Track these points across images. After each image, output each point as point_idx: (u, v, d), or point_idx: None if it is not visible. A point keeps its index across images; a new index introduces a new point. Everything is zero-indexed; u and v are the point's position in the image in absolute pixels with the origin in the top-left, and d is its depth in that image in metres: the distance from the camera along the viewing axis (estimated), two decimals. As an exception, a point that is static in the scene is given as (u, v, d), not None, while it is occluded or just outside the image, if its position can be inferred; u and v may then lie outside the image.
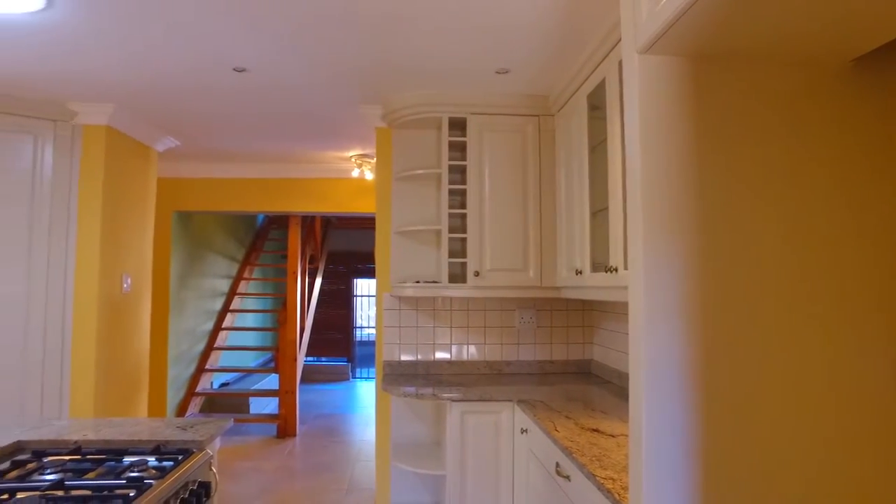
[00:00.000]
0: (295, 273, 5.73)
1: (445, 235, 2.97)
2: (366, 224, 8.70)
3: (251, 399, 6.09)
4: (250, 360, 7.50)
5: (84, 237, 3.28)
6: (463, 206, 3.05)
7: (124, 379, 3.58)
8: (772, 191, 1.24)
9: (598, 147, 2.44)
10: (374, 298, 10.27)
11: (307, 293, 6.66)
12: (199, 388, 5.69)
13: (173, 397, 5.23)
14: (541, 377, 3.11)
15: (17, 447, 1.75)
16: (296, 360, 5.60)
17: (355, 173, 4.55)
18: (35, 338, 3.18)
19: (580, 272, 2.54)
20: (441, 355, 3.25)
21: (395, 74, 2.76)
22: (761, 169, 1.24)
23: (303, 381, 8.07)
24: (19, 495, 1.38)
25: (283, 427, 5.42)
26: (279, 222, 7.94)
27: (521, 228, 2.96)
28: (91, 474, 1.56)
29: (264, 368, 6.49)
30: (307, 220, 7.12)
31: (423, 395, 2.70)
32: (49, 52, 2.54)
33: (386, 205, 3.28)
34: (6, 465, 1.61)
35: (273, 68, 2.70)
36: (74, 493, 1.40)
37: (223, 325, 6.36)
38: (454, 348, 3.26)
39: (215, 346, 6.11)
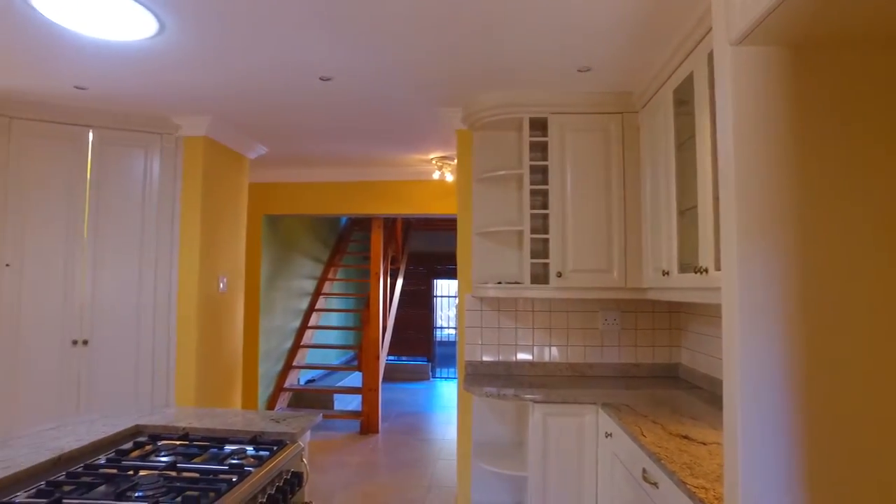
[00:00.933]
0: (378, 273, 5.89)
1: (527, 236, 2.96)
2: (446, 225, 8.81)
3: (335, 396, 6.31)
4: (334, 357, 7.78)
5: (186, 240, 3.54)
6: (545, 206, 3.03)
7: (221, 373, 3.83)
8: (870, 186, 1.15)
9: (685, 143, 2.35)
10: (453, 299, 10.38)
11: (389, 293, 6.82)
12: (287, 384, 5.97)
13: (263, 392, 5.52)
14: (625, 380, 3.04)
15: (136, 430, 1.92)
16: (378, 358, 5.75)
17: (436, 175, 4.63)
18: (146, 333, 3.47)
19: (667, 273, 2.46)
20: (523, 356, 3.24)
21: (477, 77, 2.79)
22: (861, 163, 1.16)
23: (384, 379, 8.28)
24: (141, 473, 1.52)
25: (367, 424, 5.58)
26: (361, 224, 8.19)
27: (604, 228, 2.90)
28: (198, 459, 1.68)
29: (348, 366, 6.71)
30: (389, 222, 7.30)
31: (504, 395, 2.71)
32: (158, 72, 2.77)
33: (467, 206, 3.31)
34: (129, 445, 1.77)
35: (357, 76, 2.80)
36: (185, 474, 1.53)
37: (309, 324, 6.63)
38: (536, 349, 3.24)
39: (302, 343, 6.39)
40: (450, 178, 4.62)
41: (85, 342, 3.35)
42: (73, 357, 3.34)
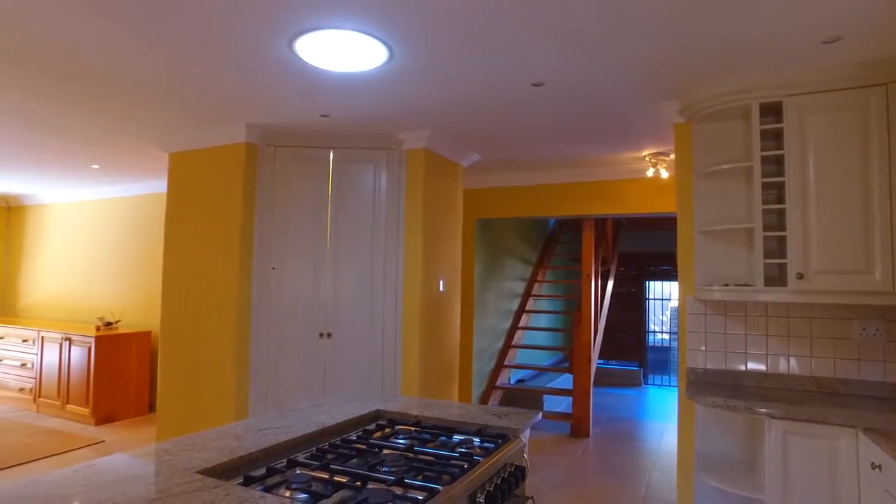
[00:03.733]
0: (589, 275, 5.81)
1: (759, 234, 2.67)
2: (660, 225, 8.32)
3: (545, 396, 6.37)
4: (543, 358, 7.85)
5: (409, 245, 3.89)
6: (779, 200, 2.70)
7: (440, 367, 4.13)
8: None
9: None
10: (667, 302, 9.74)
11: (600, 295, 6.67)
12: (498, 382, 6.20)
13: (476, 388, 5.80)
14: (893, 403, 2.56)
15: (377, 414, 2.18)
16: (590, 361, 5.66)
17: (650, 173, 4.41)
18: (377, 329, 3.90)
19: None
20: (754, 366, 2.93)
21: (698, 66, 2.60)
22: None
23: (593, 383, 8.10)
24: (385, 451, 1.73)
25: (577, 426, 5.53)
26: (569, 226, 8.14)
27: (860, 222, 2.48)
28: (430, 444, 1.85)
29: (559, 368, 6.72)
30: (599, 223, 7.15)
31: (733, 406, 2.48)
32: (386, 94, 3.10)
33: (687, 204, 3.11)
34: (372, 426, 2.02)
35: (568, 78, 2.81)
36: (421, 457, 1.69)
37: (519, 325, 6.79)
38: (770, 359, 2.90)
39: (512, 343, 6.57)
40: (665, 174, 4.36)
41: (329, 335, 3.89)
42: (320, 347, 3.89)
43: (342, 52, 2.50)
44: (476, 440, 1.89)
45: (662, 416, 6.57)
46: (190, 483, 1.35)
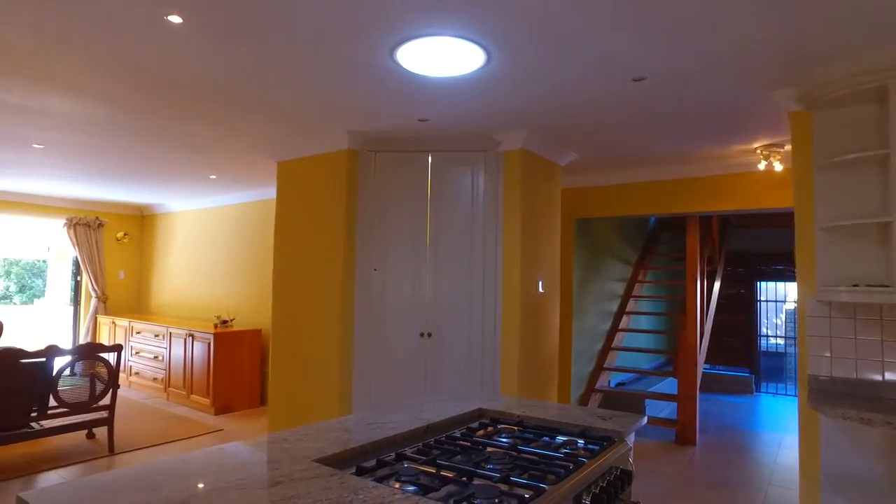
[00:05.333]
0: (693, 275, 5.53)
1: None
2: (772, 221, 7.75)
3: (647, 401, 6.12)
4: (644, 361, 7.56)
5: (508, 245, 3.89)
6: (919, 191, 2.43)
7: (539, 368, 4.09)
8: None
9: None
10: (781, 304, 9.06)
11: (706, 297, 6.32)
12: (597, 385, 6.04)
13: (575, 390, 5.69)
14: None
15: (479, 413, 2.20)
16: (696, 365, 5.39)
17: (761, 166, 4.13)
18: (476, 329, 3.93)
19: None
20: (892, 376, 2.66)
21: (820, 42, 2.40)
22: None
23: (699, 389, 7.68)
24: (488, 449, 1.75)
25: (682, 433, 5.27)
26: (670, 224, 7.79)
27: None
28: (533, 444, 1.84)
29: (661, 371, 6.44)
30: (704, 220, 6.78)
31: (869, 420, 2.26)
32: (483, 96, 3.12)
33: (806, 198, 2.88)
34: (475, 424, 2.05)
35: (672, 71, 2.70)
36: (525, 456, 1.69)
37: (619, 327, 6.59)
38: (910, 369, 2.62)
39: (612, 346, 6.38)
40: (779, 167, 4.07)
41: (430, 335, 3.97)
42: (421, 347, 3.98)
43: (441, 57, 2.56)
44: (580, 441, 1.86)
45: (779, 427, 6.11)
46: (308, 470, 1.43)
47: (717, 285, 6.98)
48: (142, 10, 2.20)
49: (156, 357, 6.70)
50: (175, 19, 2.27)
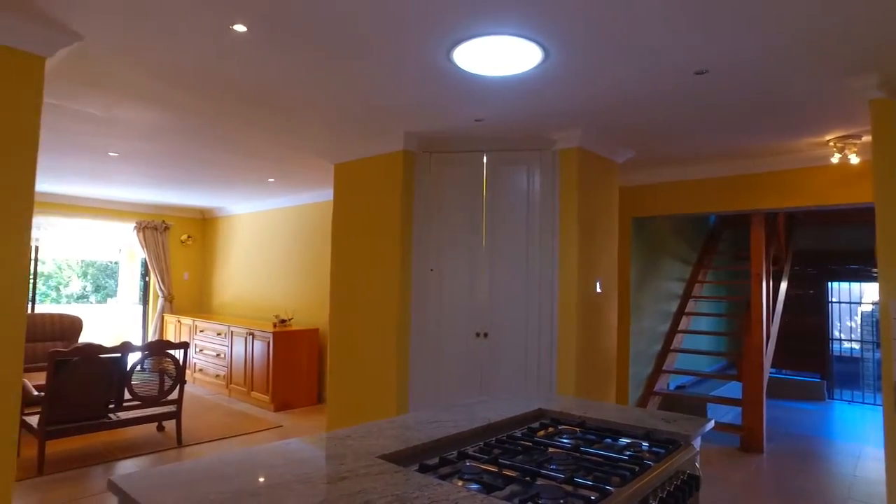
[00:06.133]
0: (759, 275, 5.30)
1: None
2: (846, 218, 7.34)
3: (708, 405, 5.91)
4: (705, 364, 7.30)
5: (564, 245, 3.84)
6: None
7: (597, 369, 4.01)
8: None
9: None
10: (856, 306, 8.57)
11: (771, 297, 6.05)
12: (656, 388, 5.87)
13: (633, 393, 5.55)
14: None
15: (539, 413, 2.18)
16: (762, 369, 5.16)
17: (835, 159, 3.92)
18: (532, 330, 3.90)
19: None
20: (985, 382, 2.47)
21: (898, 31, 2.26)
22: None
23: (766, 394, 7.36)
24: (550, 449, 1.73)
25: (748, 440, 5.06)
26: (732, 222, 7.50)
27: None
28: (596, 446, 1.81)
29: (724, 375, 6.20)
30: (770, 218, 6.49)
31: (959, 429, 2.11)
32: (539, 95, 3.09)
33: (890, 192, 2.71)
34: (536, 424, 2.02)
35: (736, 62, 2.59)
36: (588, 457, 1.66)
37: (679, 328, 6.39)
38: None
39: (671, 348, 6.20)
40: (855, 160, 3.84)
41: (485, 335, 3.96)
42: (477, 346, 3.97)
43: (497, 56, 2.55)
44: (644, 444, 1.82)
45: (857, 437, 5.77)
46: (373, 466, 1.45)
47: (783, 285, 6.67)
48: (210, 22, 2.29)
49: (218, 355, 6.95)
50: (240, 28, 2.35)
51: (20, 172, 2.35)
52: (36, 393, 4.38)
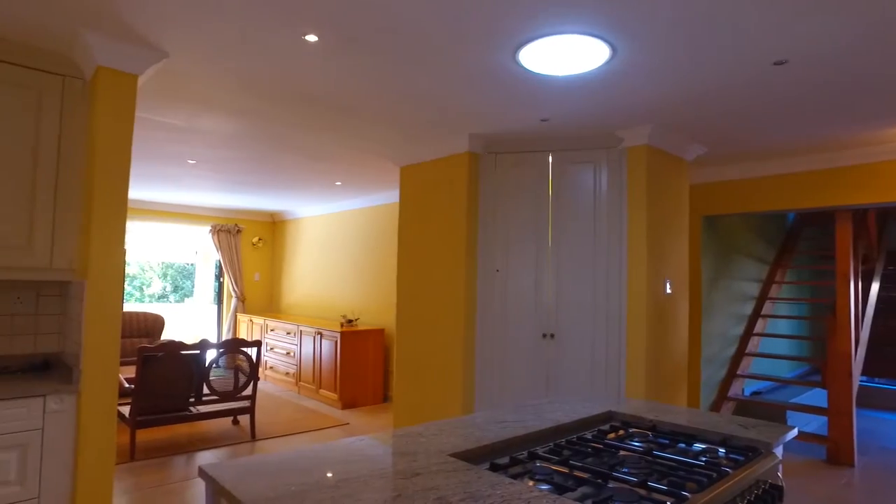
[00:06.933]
0: (846, 275, 4.98)
1: None
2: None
3: (788, 413, 5.61)
4: (785, 370, 6.93)
5: (633, 245, 3.75)
6: None
7: (667, 372, 3.89)
8: None
9: None
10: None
11: (861, 300, 5.68)
12: (730, 393, 5.63)
13: (705, 398, 5.34)
14: None
15: (609, 415, 2.14)
16: (850, 376, 4.85)
17: (930, 150, 3.63)
18: (600, 331, 3.83)
19: None
20: None
21: None
22: None
23: (856, 404, 6.90)
24: (621, 452, 1.70)
25: (835, 452, 4.76)
26: (813, 220, 7.08)
27: None
28: (668, 450, 1.76)
29: (806, 381, 5.86)
30: (858, 214, 6.09)
31: None
32: (606, 93, 3.04)
33: None
34: (606, 427, 1.99)
35: (817, 50, 2.46)
36: (661, 461, 1.62)
37: (755, 331, 6.10)
38: None
39: (747, 351, 5.92)
40: (954, 150, 3.55)
41: (552, 336, 3.92)
42: (543, 347, 3.94)
43: (563, 55, 2.53)
44: (721, 450, 1.76)
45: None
46: (445, 464, 1.47)
47: (874, 287, 6.23)
48: (285, 32, 2.39)
49: (288, 353, 7.21)
50: (311, 38, 2.44)
51: (118, 182, 2.53)
52: (127, 385, 4.70)
